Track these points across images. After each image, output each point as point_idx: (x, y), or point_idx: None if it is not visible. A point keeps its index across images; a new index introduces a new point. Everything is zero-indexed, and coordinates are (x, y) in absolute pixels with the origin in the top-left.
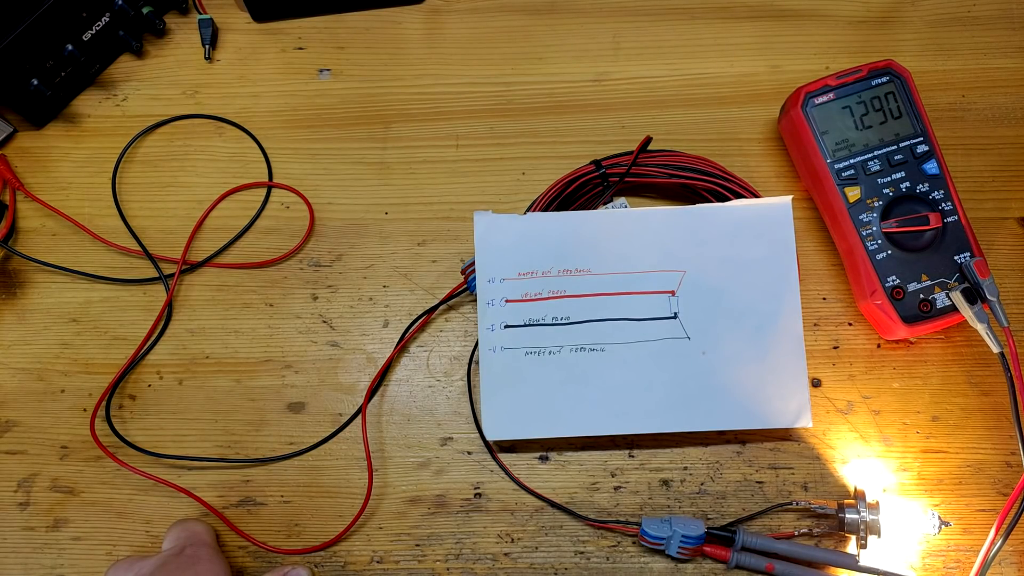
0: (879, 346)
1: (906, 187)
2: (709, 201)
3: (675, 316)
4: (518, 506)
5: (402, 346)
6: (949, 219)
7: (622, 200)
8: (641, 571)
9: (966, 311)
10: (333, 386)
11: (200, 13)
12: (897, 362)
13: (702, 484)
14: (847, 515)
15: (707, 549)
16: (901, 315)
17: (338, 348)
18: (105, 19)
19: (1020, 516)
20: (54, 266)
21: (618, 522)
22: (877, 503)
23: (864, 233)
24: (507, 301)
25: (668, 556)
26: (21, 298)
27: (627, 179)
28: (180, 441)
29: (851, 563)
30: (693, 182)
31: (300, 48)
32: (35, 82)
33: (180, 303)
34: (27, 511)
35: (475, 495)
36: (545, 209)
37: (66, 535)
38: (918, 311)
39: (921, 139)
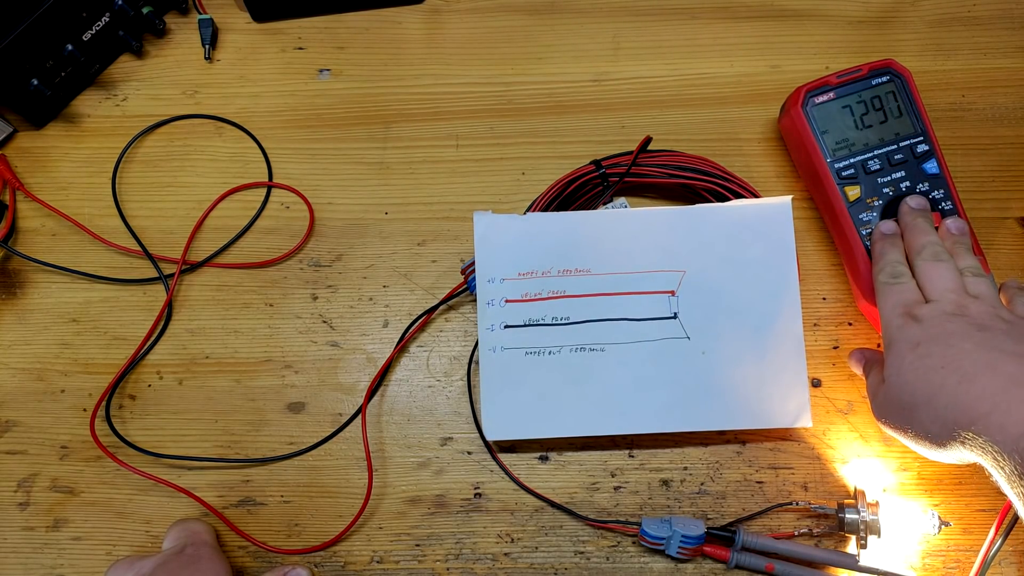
0: (879, 346)
1: (906, 186)
2: (709, 201)
3: (675, 316)
4: (518, 506)
5: (402, 346)
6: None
7: (622, 200)
8: (641, 571)
9: None
10: (333, 386)
11: (200, 13)
12: None
13: (702, 484)
14: (847, 515)
15: (707, 549)
16: None
17: (338, 348)
18: (105, 19)
19: (1020, 516)
20: (54, 266)
21: (618, 522)
22: (877, 503)
23: (864, 232)
24: (507, 301)
25: (668, 556)
26: (21, 298)
27: (627, 179)
28: (180, 441)
29: (851, 563)
30: (693, 182)
31: (300, 48)
32: (35, 82)
33: (180, 303)
34: (27, 511)
35: (475, 495)
36: (545, 209)
37: (66, 535)
38: None
39: (921, 138)
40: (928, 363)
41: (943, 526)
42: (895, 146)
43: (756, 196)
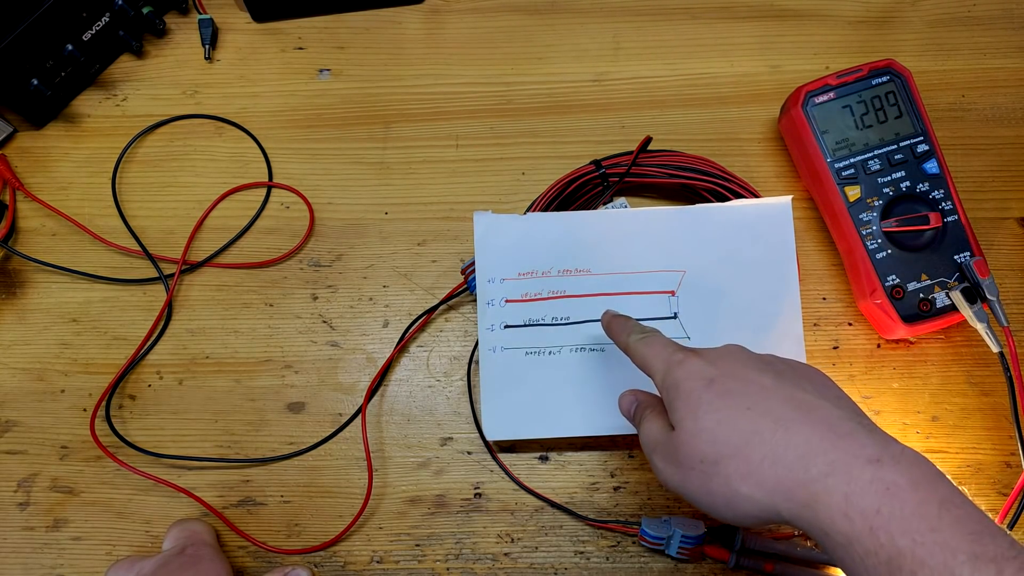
0: (879, 346)
1: (906, 186)
2: (709, 201)
3: (675, 316)
4: (518, 506)
5: (402, 346)
6: (949, 219)
7: (622, 200)
8: (641, 571)
9: (966, 311)
10: (333, 386)
11: (200, 13)
12: (897, 362)
13: None
14: None
15: (707, 549)
16: (901, 314)
17: (338, 348)
18: (105, 19)
19: (1020, 516)
20: (54, 266)
21: (618, 522)
22: None
23: (864, 232)
24: (507, 301)
25: (668, 556)
26: (21, 298)
27: (627, 179)
28: (180, 441)
29: None
30: (693, 182)
31: (300, 48)
32: (35, 82)
33: (180, 303)
34: (27, 511)
35: (475, 495)
36: (545, 209)
37: (66, 535)
38: (918, 310)
39: (921, 138)
40: (732, 402)
41: None
42: (895, 146)
43: (756, 196)
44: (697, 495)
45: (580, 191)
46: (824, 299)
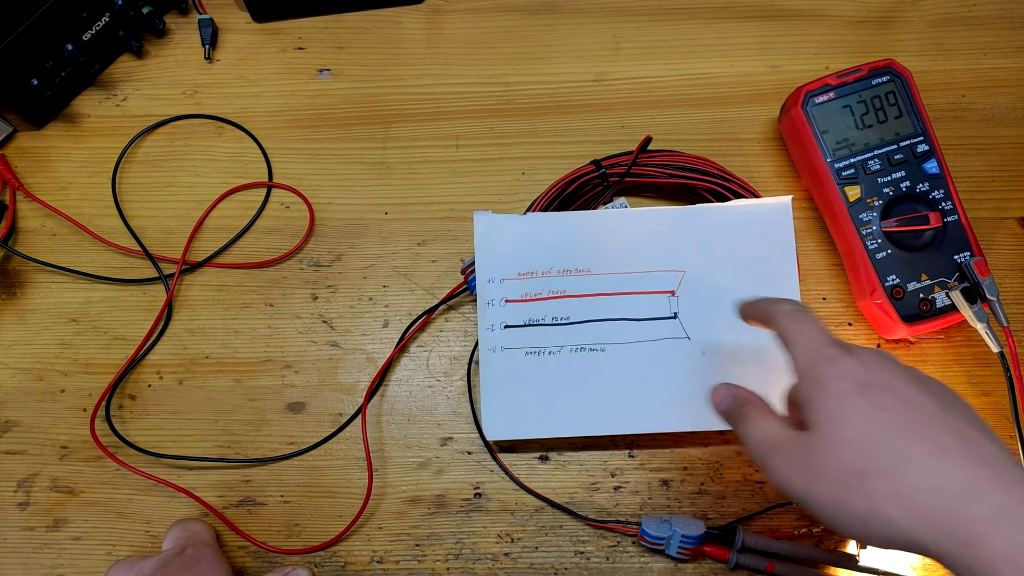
0: (879, 346)
1: (906, 186)
2: (709, 201)
3: (675, 316)
4: (518, 506)
5: (402, 346)
6: (949, 218)
7: (622, 200)
8: (641, 571)
9: (966, 311)
10: (333, 386)
11: (200, 13)
12: None
13: (702, 484)
14: None
15: (707, 549)
16: (901, 314)
17: (338, 348)
18: (105, 19)
19: None
20: (54, 266)
21: (618, 522)
22: None
23: (864, 232)
24: (507, 301)
25: (668, 556)
26: (21, 298)
27: (627, 179)
28: (180, 441)
29: (851, 563)
30: (693, 182)
31: (300, 48)
32: (35, 82)
33: (180, 303)
34: (27, 511)
35: (475, 495)
36: (545, 209)
37: (66, 535)
38: (918, 310)
39: (921, 138)
40: (887, 417)
41: None
42: (895, 146)
43: (756, 196)
44: (825, 506)
45: (580, 191)
46: (824, 299)
